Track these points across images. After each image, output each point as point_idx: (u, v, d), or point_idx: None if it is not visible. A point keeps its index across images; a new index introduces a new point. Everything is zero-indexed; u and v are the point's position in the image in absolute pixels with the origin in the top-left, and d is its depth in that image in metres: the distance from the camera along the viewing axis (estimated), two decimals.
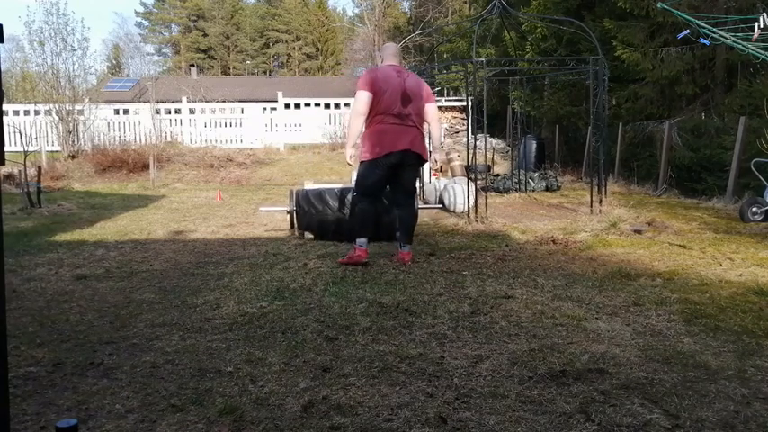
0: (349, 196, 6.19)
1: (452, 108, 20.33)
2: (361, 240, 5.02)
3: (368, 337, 3.21)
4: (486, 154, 11.21)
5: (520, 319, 3.51)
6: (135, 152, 15.27)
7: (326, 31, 56.39)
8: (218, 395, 2.50)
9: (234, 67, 59.44)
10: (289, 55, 61.14)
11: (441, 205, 8.66)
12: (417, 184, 9.55)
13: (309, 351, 3.00)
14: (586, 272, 4.78)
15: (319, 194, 6.25)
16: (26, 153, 10.33)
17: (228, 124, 18.33)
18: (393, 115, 4.90)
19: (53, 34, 16.20)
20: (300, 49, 59.64)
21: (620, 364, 2.80)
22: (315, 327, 3.38)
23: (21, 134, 13.42)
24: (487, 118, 8.28)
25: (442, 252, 5.66)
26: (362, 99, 4.88)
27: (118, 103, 20.05)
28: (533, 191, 11.37)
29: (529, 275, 4.66)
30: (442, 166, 13.23)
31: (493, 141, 16.68)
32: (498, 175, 12.70)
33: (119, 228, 7.34)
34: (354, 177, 5.43)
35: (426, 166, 10.55)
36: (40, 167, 10.87)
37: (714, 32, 7.07)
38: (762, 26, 6.51)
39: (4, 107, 6.38)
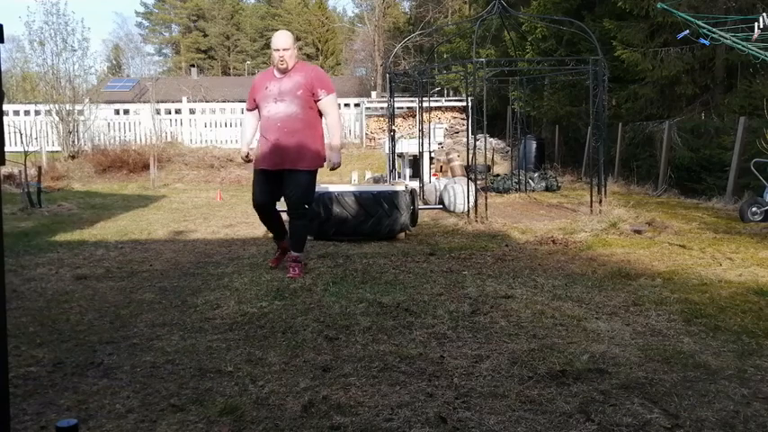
0: (347, 198, 6.19)
1: (452, 108, 20.33)
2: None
3: (368, 337, 3.22)
4: (486, 154, 11.21)
5: (520, 319, 3.52)
6: (135, 152, 15.28)
7: (326, 31, 56.38)
8: (219, 395, 2.50)
9: (234, 68, 59.43)
10: None
11: (441, 205, 8.67)
12: (417, 184, 9.62)
13: (309, 351, 3.01)
14: (586, 272, 4.78)
15: (319, 198, 6.23)
16: (26, 153, 10.33)
17: (229, 124, 18.33)
18: None
19: (53, 34, 16.22)
20: (300, 49, 59.57)
21: (620, 364, 2.80)
22: (315, 327, 3.39)
23: (21, 134, 13.43)
24: (487, 118, 8.28)
25: (442, 252, 5.66)
26: None
27: (118, 103, 20.07)
28: (533, 191, 11.38)
29: (529, 275, 4.66)
30: (442, 167, 13.26)
31: (493, 141, 16.67)
32: (498, 175, 12.71)
33: (119, 228, 7.34)
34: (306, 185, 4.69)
35: (426, 167, 10.57)
36: (40, 167, 10.87)
37: (714, 32, 7.07)
38: (761, 26, 6.51)
39: (5, 107, 6.38)
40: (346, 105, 19.66)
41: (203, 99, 20.76)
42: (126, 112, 17.97)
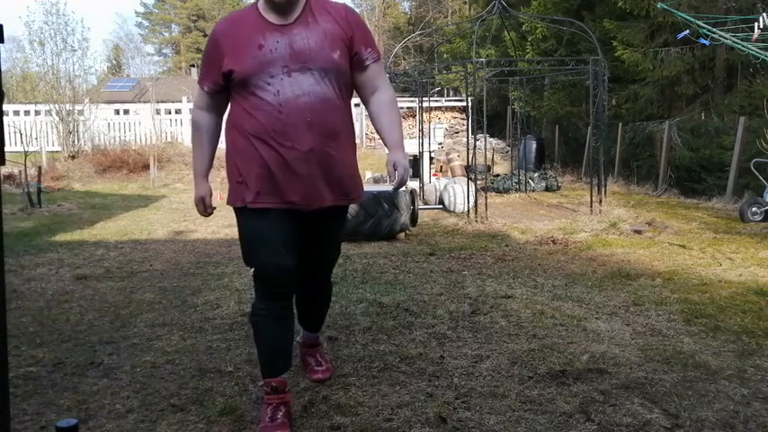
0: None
1: (452, 108, 20.33)
2: None
3: (368, 337, 3.22)
4: (486, 154, 11.21)
5: (520, 319, 3.52)
6: (135, 152, 15.27)
7: None
8: (219, 395, 2.50)
9: None
10: None
11: (441, 205, 8.67)
12: (417, 185, 9.61)
13: None
14: (586, 272, 4.78)
15: None
16: (26, 153, 10.33)
17: None
18: None
19: (53, 34, 16.23)
20: None
21: (620, 364, 2.80)
22: None
23: (21, 134, 13.42)
24: (487, 118, 8.28)
25: (442, 252, 5.66)
26: None
27: (118, 103, 20.05)
28: (533, 191, 11.38)
29: (529, 275, 4.66)
30: (442, 167, 13.25)
31: (493, 141, 16.67)
32: (498, 175, 12.71)
33: (119, 228, 7.34)
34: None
35: (426, 167, 10.57)
36: (40, 167, 10.87)
37: (714, 32, 7.08)
38: (761, 26, 6.52)
39: (5, 107, 6.39)
40: None
41: None
42: (126, 112, 17.96)
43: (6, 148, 1.49)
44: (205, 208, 2.55)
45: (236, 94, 2.28)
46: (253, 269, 2.29)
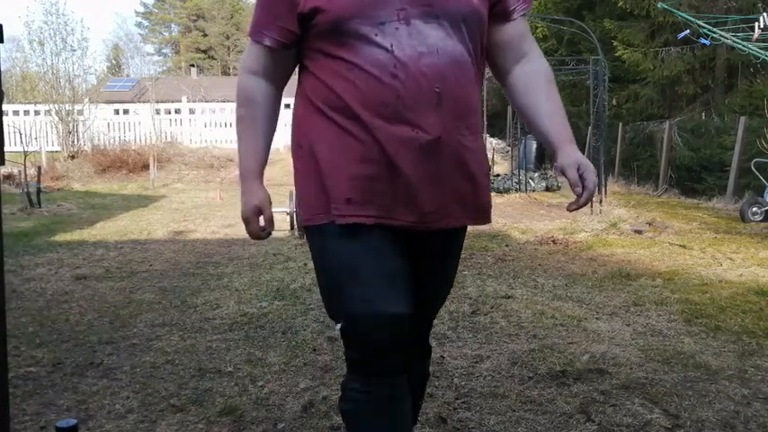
0: None
1: None
2: None
3: None
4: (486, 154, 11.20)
5: (520, 319, 3.51)
6: (135, 152, 15.27)
7: None
8: (218, 395, 2.50)
9: (234, 67, 59.36)
10: None
11: None
12: None
13: (309, 351, 3.00)
14: (586, 272, 4.78)
15: None
16: (26, 153, 10.34)
17: (228, 124, 18.29)
18: None
19: (53, 34, 16.20)
20: None
21: (620, 364, 2.80)
22: (315, 327, 3.38)
23: (21, 134, 13.41)
24: (487, 118, 8.28)
25: None
26: None
27: (118, 103, 20.04)
28: (533, 191, 11.38)
29: (529, 275, 4.66)
30: None
31: (493, 141, 16.67)
32: (498, 174, 12.71)
33: (119, 228, 7.34)
34: None
35: None
36: (39, 167, 10.87)
37: (714, 32, 7.08)
38: (762, 26, 6.52)
39: (4, 107, 6.39)
40: None
41: (203, 99, 20.74)
42: (126, 111, 17.96)
43: (6, 148, 1.49)
44: (261, 226, 1.55)
45: (315, 51, 1.47)
46: (340, 324, 1.43)
